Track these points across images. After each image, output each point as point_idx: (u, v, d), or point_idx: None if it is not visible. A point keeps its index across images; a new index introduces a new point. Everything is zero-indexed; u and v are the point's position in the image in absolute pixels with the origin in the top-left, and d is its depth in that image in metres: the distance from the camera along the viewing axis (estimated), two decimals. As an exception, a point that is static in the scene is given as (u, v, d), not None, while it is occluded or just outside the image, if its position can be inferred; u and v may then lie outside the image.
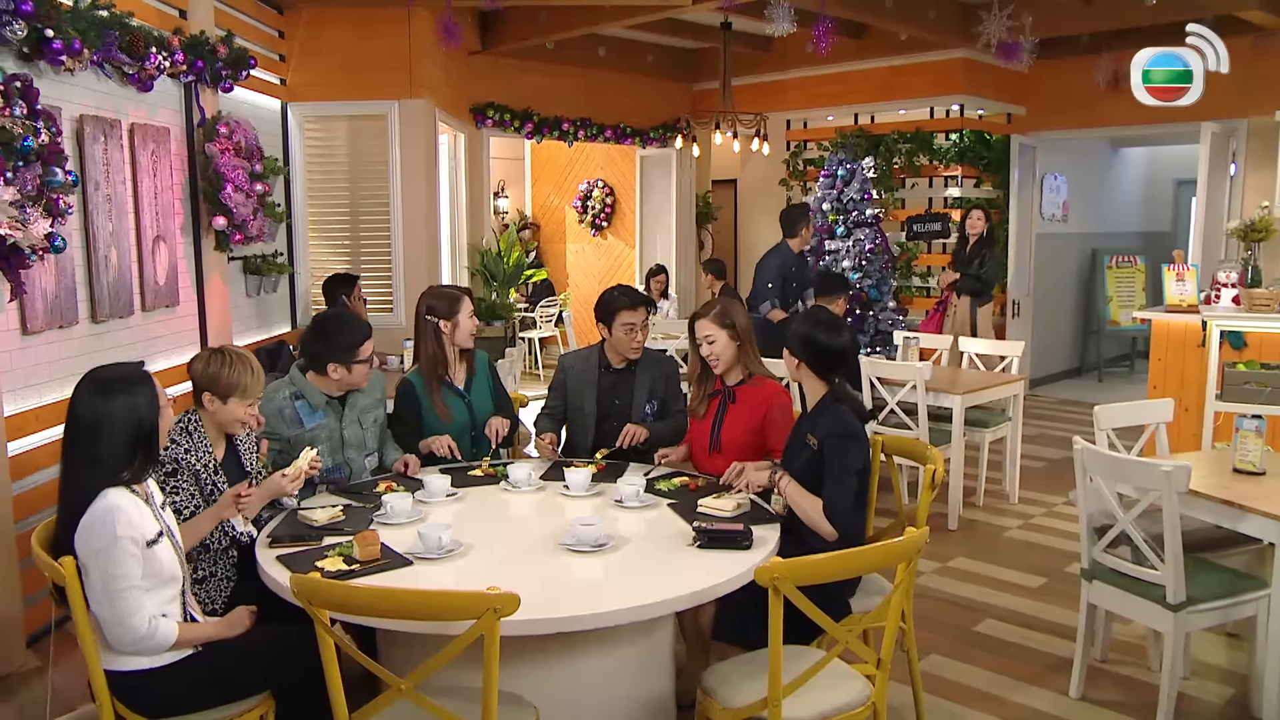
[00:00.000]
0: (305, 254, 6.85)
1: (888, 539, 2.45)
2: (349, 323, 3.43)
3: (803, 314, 3.22)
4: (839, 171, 8.24)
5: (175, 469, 2.83)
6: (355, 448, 3.50)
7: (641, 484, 3.19)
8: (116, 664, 2.36)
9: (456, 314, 3.73)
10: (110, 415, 2.33)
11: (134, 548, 2.30)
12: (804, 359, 3.05)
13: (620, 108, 9.43)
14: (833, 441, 2.93)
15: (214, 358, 2.89)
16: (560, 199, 11.71)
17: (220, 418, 2.91)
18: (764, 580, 2.19)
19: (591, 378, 3.86)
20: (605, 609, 2.35)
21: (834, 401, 3.04)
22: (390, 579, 2.53)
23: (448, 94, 7.57)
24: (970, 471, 5.87)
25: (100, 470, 2.32)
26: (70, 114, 4.08)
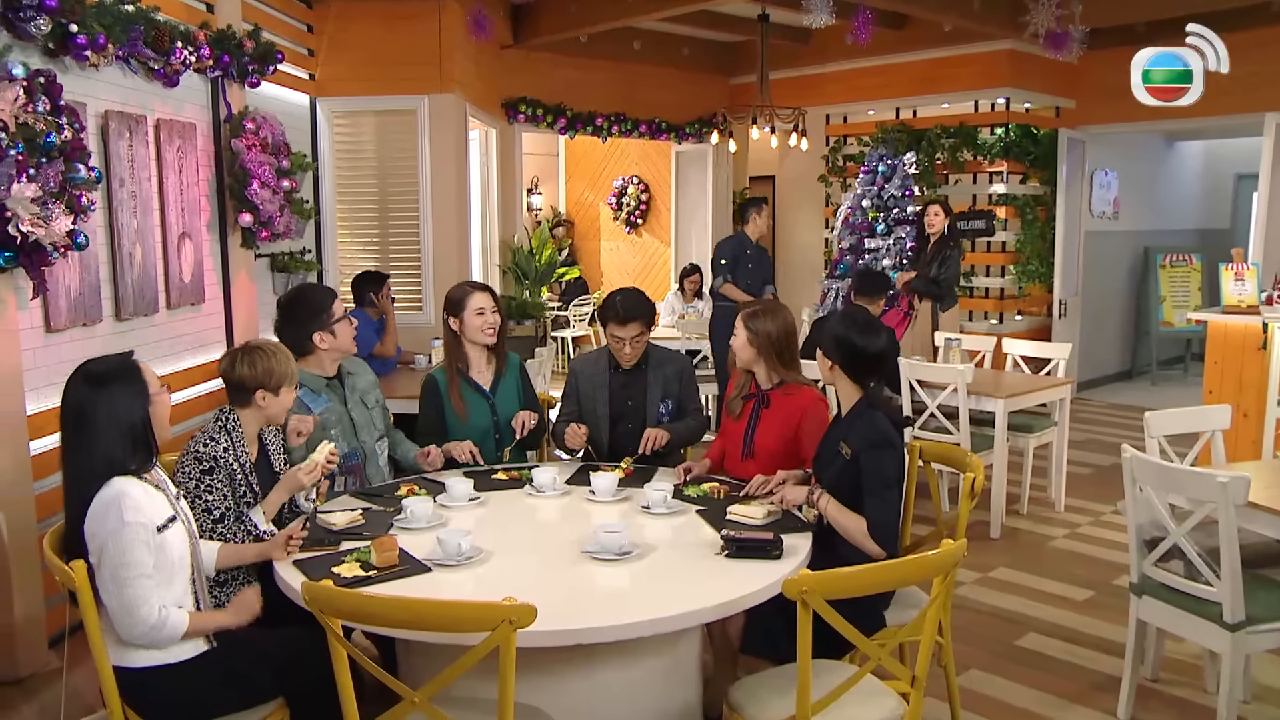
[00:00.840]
0: (334, 251, 6.87)
1: (925, 549, 2.37)
2: (312, 291, 3.53)
3: (839, 314, 3.14)
4: (879, 167, 8.13)
5: (213, 466, 2.83)
6: (365, 429, 3.52)
7: (669, 489, 3.14)
8: (126, 659, 2.35)
9: (463, 310, 3.72)
10: (97, 406, 2.34)
11: (143, 534, 2.30)
12: (838, 361, 2.97)
13: (655, 102, 9.38)
14: (869, 453, 2.85)
15: (256, 356, 2.90)
16: (595, 195, 11.69)
17: (272, 411, 2.95)
18: (792, 593, 2.13)
19: (602, 379, 3.83)
20: (627, 620, 2.30)
21: (868, 407, 2.96)
22: (408, 586, 2.50)
23: (479, 89, 7.57)
24: (1013, 478, 5.75)
25: (95, 462, 2.33)
26: (95, 110, 4.10)
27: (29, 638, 3.65)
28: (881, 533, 2.81)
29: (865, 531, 2.81)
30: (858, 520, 2.84)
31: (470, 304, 3.71)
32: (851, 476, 2.88)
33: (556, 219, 11.86)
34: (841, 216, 8.39)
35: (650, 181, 10.89)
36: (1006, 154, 8.46)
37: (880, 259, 7.81)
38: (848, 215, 8.26)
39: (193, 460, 2.82)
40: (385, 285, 5.94)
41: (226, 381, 2.93)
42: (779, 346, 3.47)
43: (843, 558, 2.85)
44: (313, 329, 3.40)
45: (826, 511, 2.91)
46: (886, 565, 2.30)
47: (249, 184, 5.08)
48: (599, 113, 8.95)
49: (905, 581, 2.43)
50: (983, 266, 8.74)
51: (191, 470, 2.81)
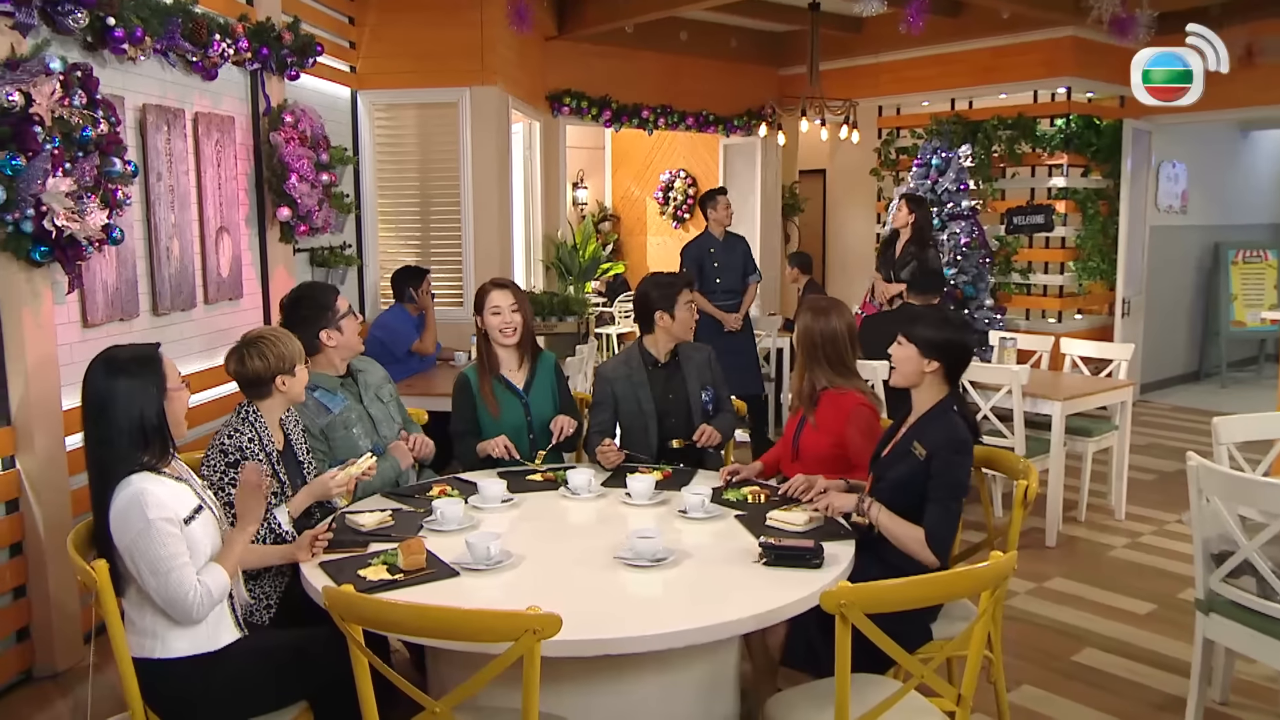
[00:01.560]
0: (374, 246, 6.89)
1: (975, 559, 2.28)
2: (314, 289, 3.52)
3: (933, 313, 3.03)
4: (933, 160, 7.98)
5: (239, 459, 2.83)
6: (385, 424, 3.51)
7: (707, 493, 3.08)
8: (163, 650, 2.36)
9: (482, 309, 3.70)
10: (114, 396, 2.34)
11: (171, 526, 2.31)
12: (944, 362, 2.89)
13: (702, 94, 9.29)
14: (945, 457, 2.77)
15: (263, 346, 2.91)
16: (641, 190, 11.64)
17: (294, 391, 2.97)
18: (830, 606, 2.06)
19: (640, 378, 3.79)
20: (658, 630, 2.25)
21: (950, 409, 2.89)
22: (434, 590, 2.47)
23: (522, 81, 7.55)
24: (1071, 483, 5.58)
25: (112, 453, 2.33)
26: (133, 103, 4.14)
27: (65, 633, 3.69)
28: (940, 544, 2.74)
29: (922, 541, 2.74)
30: (913, 529, 2.77)
31: (487, 303, 3.69)
32: (921, 478, 2.80)
33: (602, 213, 11.82)
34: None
35: (697, 175, 10.80)
36: (1067, 146, 8.24)
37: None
38: (900, 210, 8.11)
39: (218, 454, 2.83)
40: (425, 280, 5.95)
41: (241, 379, 2.94)
42: (826, 349, 3.40)
43: (889, 564, 2.78)
44: (319, 327, 3.36)
45: (878, 521, 2.83)
46: (930, 579, 2.21)
47: (287, 178, 5.10)
48: (645, 105, 8.89)
49: (950, 596, 2.35)
50: (1040, 263, 8.53)
51: (217, 464, 2.81)
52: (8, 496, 3.53)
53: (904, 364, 2.93)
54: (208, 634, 2.41)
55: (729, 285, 6.56)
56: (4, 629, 3.54)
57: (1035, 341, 6.21)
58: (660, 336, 3.81)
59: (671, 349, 3.82)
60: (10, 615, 3.56)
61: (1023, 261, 8.60)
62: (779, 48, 9.72)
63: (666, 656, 2.39)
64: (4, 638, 3.55)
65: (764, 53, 9.70)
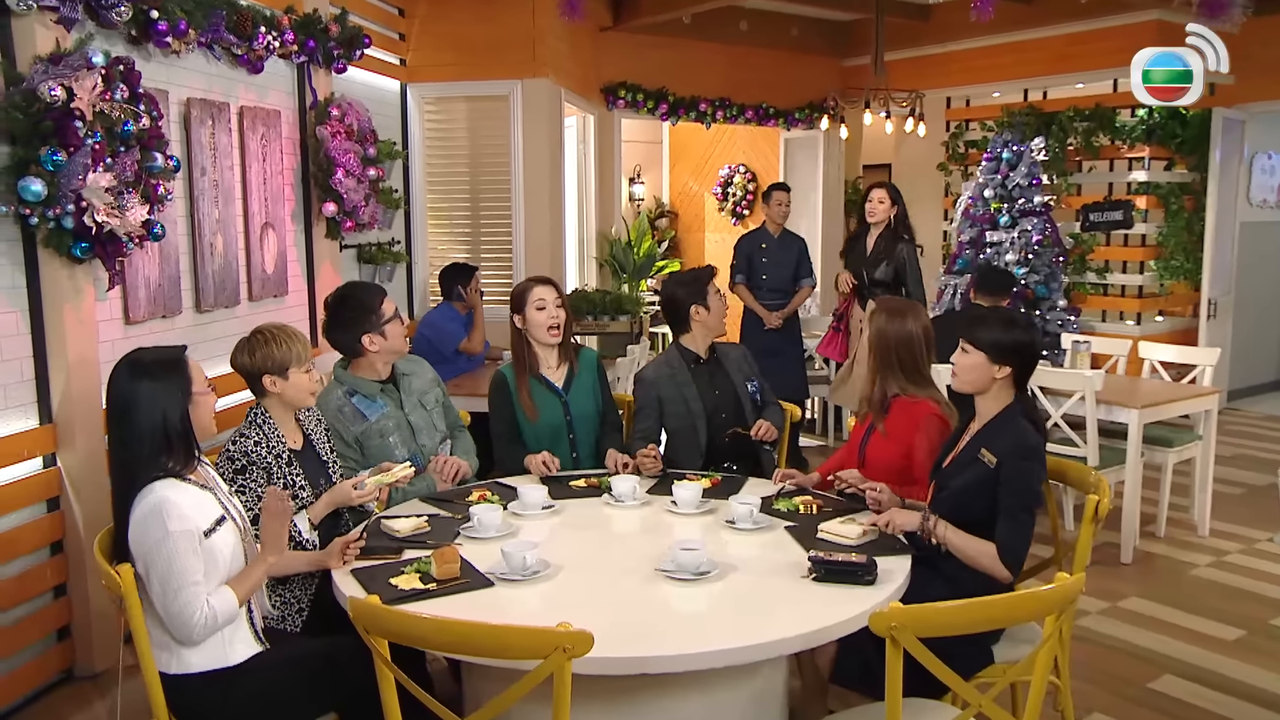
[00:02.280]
0: (424, 242, 6.92)
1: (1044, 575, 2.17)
2: (360, 290, 3.46)
3: (996, 315, 2.92)
4: (1004, 154, 7.74)
5: (246, 464, 2.82)
6: (425, 432, 3.47)
7: (756, 503, 3.00)
8: (179, 665, 2.36)
9: (524, 306, 3.65)
10: (137, 399, 2.33)
11: (189, 542, 2.29)
12: (1015, 366, 2.79)
13: (762, 86, 9.18)
14: (1015, 464, 2.67)
15: (255, 341, 2.91)
16: (700, 185, 11.55)
17: (289, 395, 2.93)
18: (880, 628, 1.97)
19: (684, 377, 3.75)
20: (697, 649, 2.18)
21: (1019, 414, 2.79)
22: (468, 601, 2.43)
23: (575, 73, 7.52)
24: (1150, 496, 5.38)
25: (135, 458, 2.33)
26: (178, 97, 4.18)
27: (104, 633, 3.74)
28: (1014, 557, 2.65)
29: (994, 555, 2.64)
30: (983, 545, 2.67)
31: (531, 298, 3.64)
32: (990, 487, 2.71)
33: (659, 209, 11.76)
34: (961, 207, 8.04)
35: (757, 170, 10.69)
36: (1149, 138, 7.97)
37: (1003, 253, 7.45)
38: (968, 206, 7.90)
39: (226, 460, 2.83)
40: (474, 278, 5.94)
41: (237, 372, 2.94)
42: (900, 354, 3.30)
43: (950, 580, 2.70)
44: (362, 331, 3.32)
45: (945, 539, 2.73)
46: (990, 603, 2.11)
47: (333, 172, 5.13)
48: (703, 97, 8.81)
49: (1012, 621, 2.24)
50: (1118, 262, 8.27)
51: (225, 470, 2.81)
52: (49, 495, 3.59)
53: (970, 371, 2.83)
54: (222, 649, 2.39)
55: (777, 284, 6.50)
56: (44, 628, 3.60)
57: (1112, 345, 6.00)
58: (698, 332, 3.79)
59: (710, 346, 3.81)
60: (51, 614, 3.62)
61: (1099, 260, 8.35)
62: (842, 37, 9.57)
63: (709, 676, 2.32)
64: (44, 637, 3.61)
65: (827, 42, 9.56)
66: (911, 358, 3.29)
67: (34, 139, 3.19)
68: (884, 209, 5.89)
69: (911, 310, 3.36)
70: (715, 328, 3.81)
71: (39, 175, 3.19)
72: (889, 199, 5.89)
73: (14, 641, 3.43)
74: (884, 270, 5.87)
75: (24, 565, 3.49)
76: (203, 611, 2.30)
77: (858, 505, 3.09)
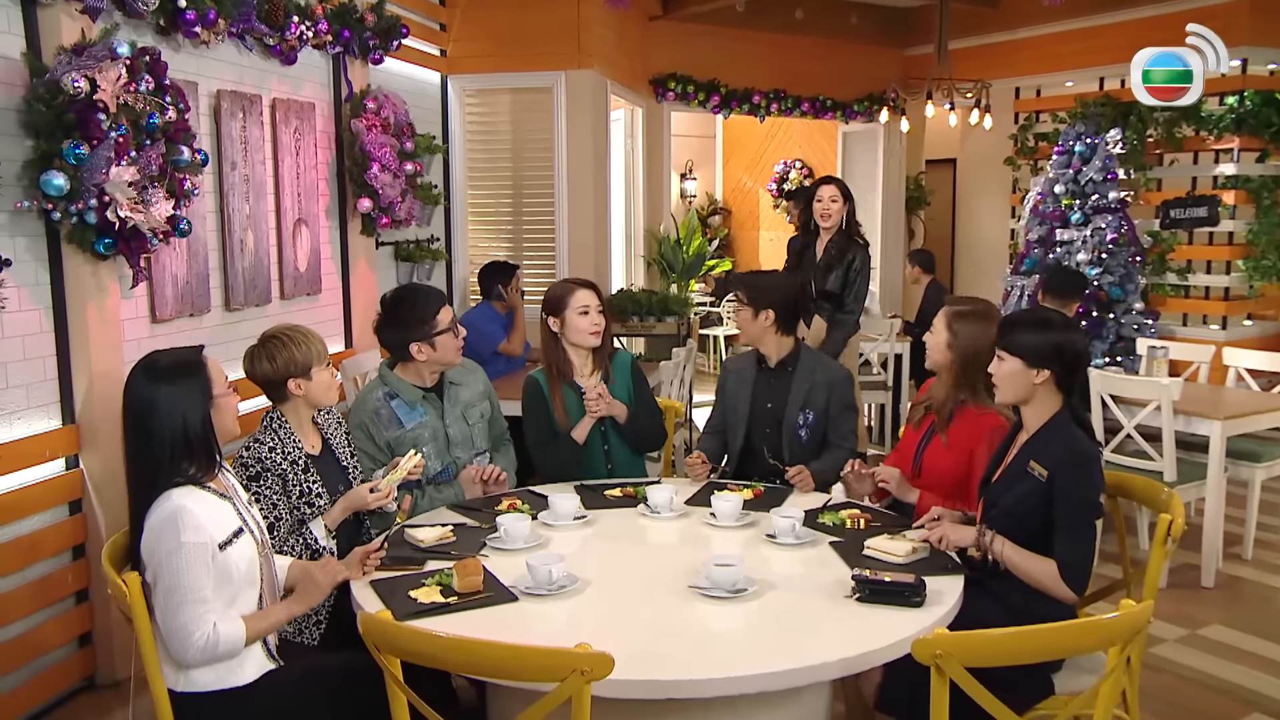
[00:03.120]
0: (464, 240, 6.93)
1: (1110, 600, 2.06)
2: (418, 294, 3.40)
3: (1028, 316, 2.82)
4: (1076, 147, 7.54)
5: (260, 471, 2.81)
6: (462, 445, 3.43)
7: (799, 517, 2.92)
8: (186, 683, 2.35)
9: (565, 310, 3.59)
10: (155, 404, 2.32)
11: (202, 555, 2.27)
12: (1056, 370, 2.68)
13: (819, 77, 9.07)
14: (1068, 474, 2.58)
15: (273, 346, 2.89)
16: (754, 181, 11.48)
17: (314, 395, 2.92)
18: (923, 656, 1.89)
19: (749, 375, 3.71)
20: (729, 673, 2.12)
21: (1069, 421, 2.69)
22: (489, 616, 2.40)
23: (623, 64, 7.49)
24: (1235, 514, 5.18)
25: (153, 464, 2.31)
26: (207, 89, 4.21)
27: (126, 640, 3.73)
28: (1076, 575, 2.56)
29: (1055, 575, 2.56)
30: (1044, 563, 2.58)
31: (574, 301, 3.58)
32: (1043, 502, 2.62)
33: (712, 206, 11.68)
34: (1030, 204, 7.86)
35: (814, 166, 10.58)
36: (1239, 127, 7.70)
37: (1074, 253, 7.26)
38: (1037, 203, 7.71)
39: (240, 467, 2.82)
40: (515, 277, 5.91)
41: (254, 382, 2.92)
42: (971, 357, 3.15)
43: (1006, 604, 2.61)
44: (411, 338, 3.29)
45: (1002, 556, 2.64)
46: (1045, 631, 2.01)
47: (369, 167, 5.14)
48: (756, 89, 8.74)
49: (1069, 651, 2.12)
50: (1202, 262, 8.01)
51: (240, 477, 2.78)
52: (71, 497, 3.62)
53: (1008, 380, 2.73)
54: (231, 667, 2.37)
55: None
56: (66, 634, 3.63)
57: (1193, 351, 5.81)
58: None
59: (786, 355, 3.66)
60: (72, 620, 3.65)
61: (1180, 260, 8.10)
62: (904, 25, 9.42)
63: (742, 702, 2.24)
64: (66, 643, 3.64)
65: (888, 31, 9.42)
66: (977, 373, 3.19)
67: (57, 132, 3.22)
68: (838, 209, 5.25)
69: (991, 312, 3.25)
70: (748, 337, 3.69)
71: (61, 169, 3.21)
72: (841, 197, 5.29)
73: (34, 647, 3.46)
74: (834, 279, 5.21)
75: (45, 569, 3.52)
76: (204, 633, 2.27)
77: (907, 520, 3.01)
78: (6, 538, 3.35)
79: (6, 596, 3.35)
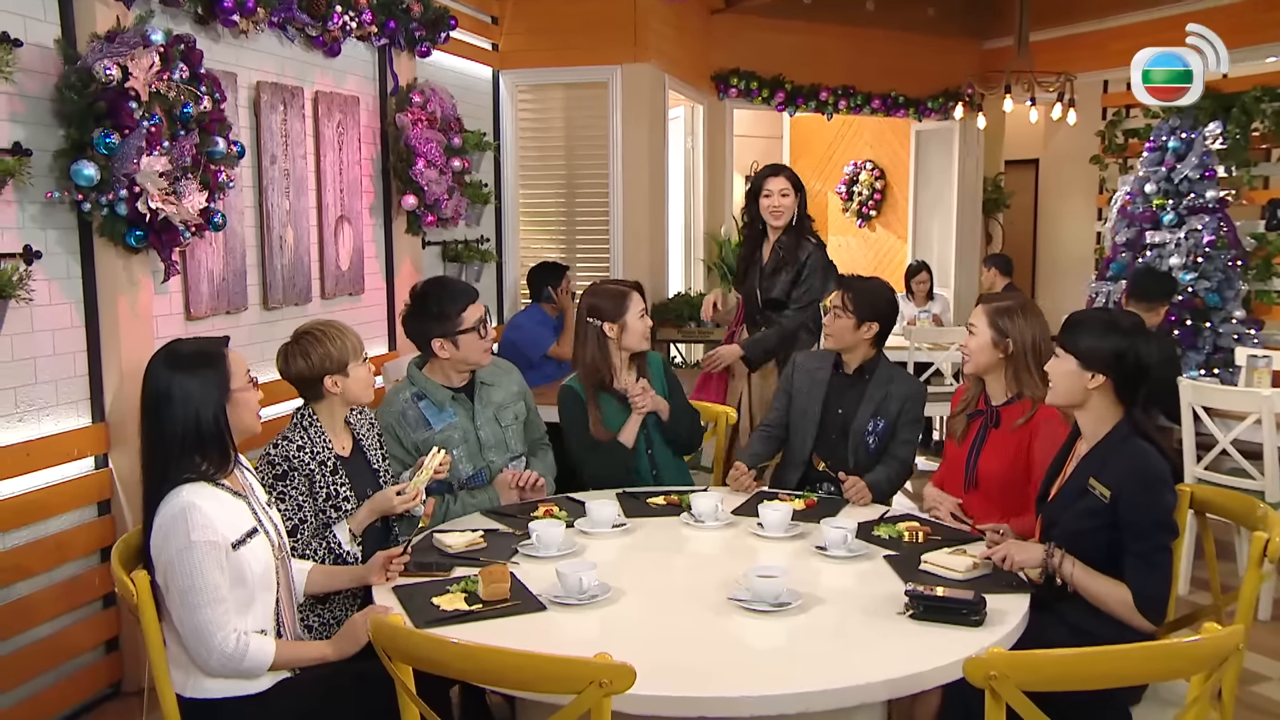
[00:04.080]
0: (515, 240, 6.92)
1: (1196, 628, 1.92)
2: (446, 288, 3.34)
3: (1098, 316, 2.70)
4: (1170, 143, 7.30)
5: (287, 470, 2.79)
6: (495, 449, 3.38)
7: (852, 528, 2.83)
8: (196, 689, 2.33)
9: (624, 314, 3.52)
10: (170, 394, 2.30)
11: (214, 553, 2.25)
12: (1113, 376, 2.57)
13: (891, 72, 8.92)
14: (1136, 495, 2.46)
15: (307, 342, 2.86)
16: (823, 184, 11.33)
17: (352, 393, 2.90)
18: (976, 677, 1.78)
19: (824, 376, 3.65)
20: (764, 691, 2.04)
21: (1132, 434, 2.56)
22: (515, 625, 2.35)
23: (682, 59, 7.44)
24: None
25: (165, 456, 2.30)
26: (247, 80, 4.25)
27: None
28: (1153, 605, 2.44)
29: (1129, 604, 2.44)
30: (1117, 589, 2.46)
31: (633, 306, 3.54)
32: (1105, 524, 2.50)
33: (777, 210, 11.57)
34: (1118, 204, 7.63)
35: (886, 166, 10.41)
36: (1356, 120, 7.39)
37: (1166, 256, 7.02)
38: (1125, 203, 7.49)
39: (266, 465, 2.80)
40: (565, 279, 5.89)
41: (288, 380, 2.90)
42: (1040, 354, 3.08)
43: (1075, 628, 2.49)
44: (433, 333, 3.25)
45: (1072, 578, 2.53)
46: (1113, 653, 1.88)
47: (414, 163, 5.15)
48: (824, 86, 8.63)
49: (1142, 676, 1.97)
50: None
51: (265, 475, 2.78)
52: (100, 497, 3.65)
53: (1061, 380, 2.63)
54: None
55: None
56: (93, 639, 3.65)
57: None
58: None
59: (862, 364, 3.59)
60: (99, 625, 3.67)
61: (1286, 264, 7.79)
62: (982, 16, 9.23)
63: (782, 723, 2.16)
64: (93, 648, 3.66)
65: (965, 23, 9.24)
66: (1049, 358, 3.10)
67: (88, 121, 3.26)
68: (789, 204, 4.47)
69: (1028, 303, 3.20)
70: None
71: (92, 159, 3.25)
72: (793, 189, 4.51)
73: (60, 652, 3.49)
74: (782, 284, 4.47)
75: (72, 571, 3.55)
76: (229, 636, 2.25)
77: (970, 535, 2.89)
78: (33, 537, 3.39)
79: (33, 598, 3.38)
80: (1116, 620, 2.47)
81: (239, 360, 2.45)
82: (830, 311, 3.61)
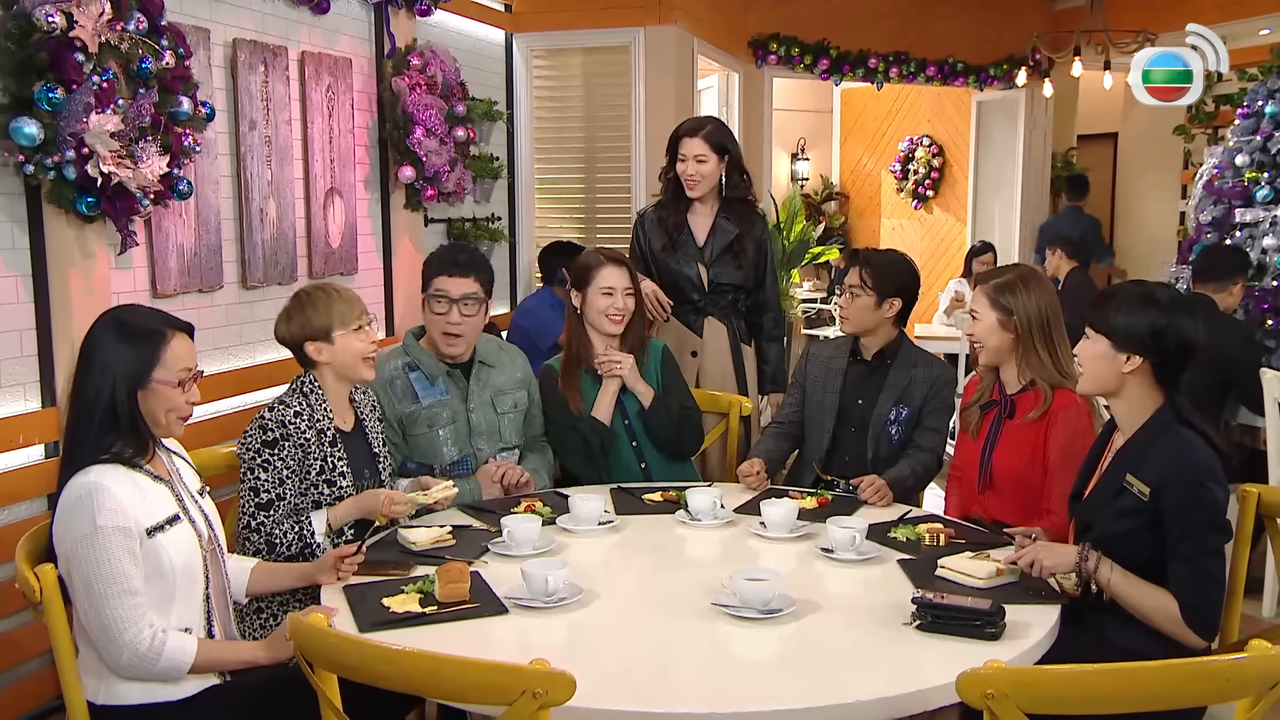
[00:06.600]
0: (529, 218, 6.82)
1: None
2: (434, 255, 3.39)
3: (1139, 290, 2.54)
4: (1268, 108, 7.04)
5: (278, 437, 2.75)
6: (485, 436, 3.31)
7: (861, 528, 2.69)
8: (110, 695, 2.24)
9: (586, 285, 3.44)
10: (94, 355, 2.26)
11: (123, 540, 2.16)
12: (1152, 358, 2.43)
13: (948, 37, 8.73)
14: (1181, 491, 2.32)
15: (291, 308, 2.90)
16: (875, 162, 11.16)
17: (340, 361, 2.87)
18: (971, 696, 1.65)
19: (840, 365, 3.54)
20: (736, 708, 1.92)
21: (1175, 423, 2.41)
22: (472, 630, 2.27)
23: (715, 22, 7.31)
24: None
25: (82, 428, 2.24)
26: (222, 38, 4.18)
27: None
28: (1202, 617, 2.30)
29: (1175, 615, 2.30)
30: (1161, 597, 2.33)
31: (597, 279, 3.43)
32: (1145, 524, 2.37)
33: (826, 190, 11.39)
34: (1203, 180, 7.37)
35: (944, 142, 10.23)
36: None
37: (1259, 237, 6.77)
38: (1213, 177, 7.25)
39: (257, 429, 2.77)
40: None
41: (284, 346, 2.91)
42: (1048, 330, 3.01)
43: (1111, 643, 2.36)
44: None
45: (1110, 585, 2.39)
46: (1136, 671, 1.72)
47: (411, 131, 5.06)
48: (873, 52, 8.46)
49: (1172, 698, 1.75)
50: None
51: (254, 440, 2.75)
52: (50, 489, 3.54)
53: (1091, 364, 2.49)
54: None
55: None
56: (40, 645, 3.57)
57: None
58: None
59: (883, 348, 3.49)
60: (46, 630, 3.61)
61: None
62: (1052, -28, 9.01)
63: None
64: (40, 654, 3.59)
65: (1031, -21, 9.02)
66: (1060, 333, 3.03)
67: (29, 73, 3.19)
68: (708, 170, 3.91)
69: (1032, 275, 3.11)
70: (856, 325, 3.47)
71: (35, 116, 3.18)
72: (713, 152, 3.91)
73: (3, 658, 3.43)
74: (744, 267, 4.00)
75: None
76: (142, 633, 2.16)
77: (998, 538, 2.75)
78: (-27, 533, 3.34)
79: (-26, 598, 3.34)
80: (1163, 636, 2.32)
81: (182, 353, 2.33)
82: (846, 292, 3.45)
